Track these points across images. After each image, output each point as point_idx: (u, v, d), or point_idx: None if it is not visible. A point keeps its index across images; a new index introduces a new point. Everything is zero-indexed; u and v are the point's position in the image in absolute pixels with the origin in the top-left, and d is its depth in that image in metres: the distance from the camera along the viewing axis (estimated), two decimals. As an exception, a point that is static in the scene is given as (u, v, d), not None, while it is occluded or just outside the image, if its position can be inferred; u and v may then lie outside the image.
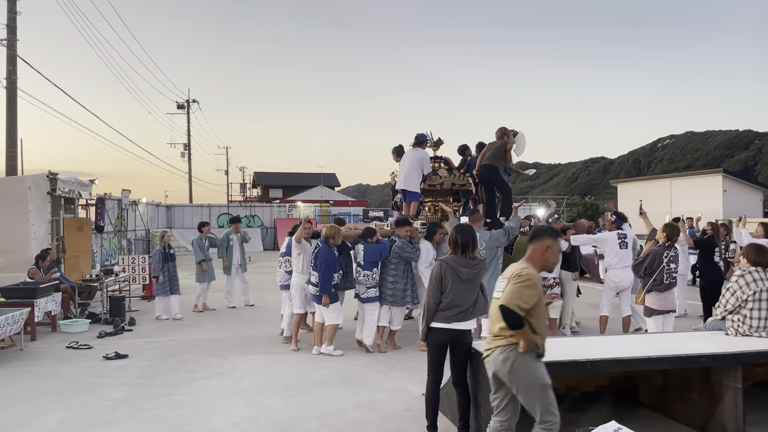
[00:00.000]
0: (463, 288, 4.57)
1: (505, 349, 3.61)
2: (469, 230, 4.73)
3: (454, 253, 4.66)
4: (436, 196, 9.31)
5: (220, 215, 30.48)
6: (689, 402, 4.91)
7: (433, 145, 9.37)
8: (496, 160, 8.72)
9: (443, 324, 4.57)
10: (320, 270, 7.33)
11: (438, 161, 9.33)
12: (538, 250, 3.74)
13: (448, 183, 9.11)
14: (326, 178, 62.83)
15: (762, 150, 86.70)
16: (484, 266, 4.82)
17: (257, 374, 6.67)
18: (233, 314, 10.71)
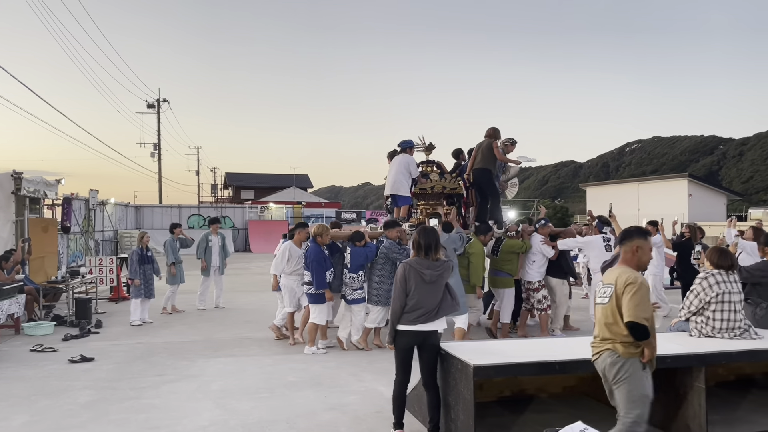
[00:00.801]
0: (428, 290, 4.63)
1: (613, 354, 3.67)
2: (431, 233, 4.83)
3: (417, 255, 4.74)
4: (428, 200, 9.38)
5: (191, 216, 30.13)
6: (654, 402, 4.99)
7: (425, 149, 9.46)
8: (487, 163, 8.85)
9: (409, 326, 4.62)
10: (312, 268, 7.49)
11: (430, 165, 9.42)
12: (629, 251, 3.82)
13: (439, 187, 9.20)
14: (299, 179, 62.58)
15: (726, 155, 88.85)
16: (449, 267, 4.86)
17: (226, 377, 6.60)
18: (203, 316, 10.59)
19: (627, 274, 3.68)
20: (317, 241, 7.59)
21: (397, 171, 8.73)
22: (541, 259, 8.41)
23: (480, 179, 8.98)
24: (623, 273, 3.70)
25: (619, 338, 3.63)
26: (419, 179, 9.07)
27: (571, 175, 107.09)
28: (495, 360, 4.37)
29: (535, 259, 8.40)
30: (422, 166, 9.35)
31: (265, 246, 28.85)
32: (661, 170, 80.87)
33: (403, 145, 8.99)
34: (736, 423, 4.97)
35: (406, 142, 8.99)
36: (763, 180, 74.88)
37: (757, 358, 5.00)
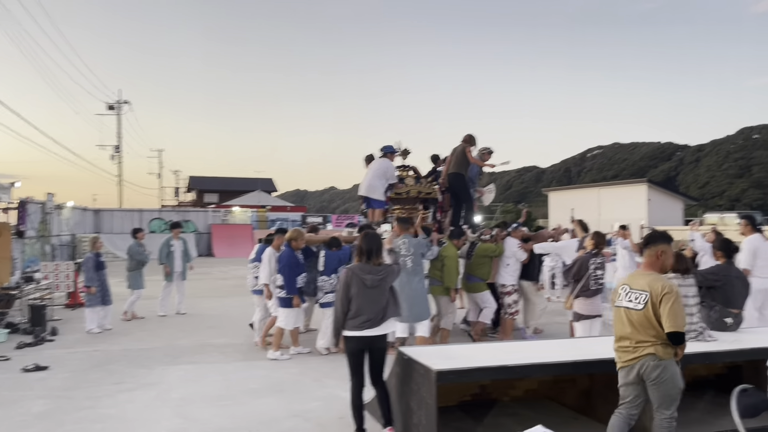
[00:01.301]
0: (370, 294, 4.69)
1: (655, 357, 3.86)
2: (373, 238, 4.89)
3: (359, 260, 4.79)
4: (404, 204, 9.43)
5: (152, 220, 29.55)
6: (613, 404, 5.06)
7: (401, 154, 9.52)
8: (460, 168, 8.98)
9: (355, 332, 4.69)
10: (284, 272, 7.51)
11: (406, 170, 9.49)
12: (653, 255, 3.97)
13: (414, 191, 9.28)
14: (263, 182, 62.05)
15: (683, 161, 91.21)
16: (392, 271, 4.90)
17: (187, 384, 6.48)
18: (163, 323, 10.39)
19: (661, 282, 3.85)
20: (291, 245, 7.62)
21: (374, 175, 8.85)
22: (515, 263, 8.47)
23: (454, 184, 9.10)
24: (656, 280, 3.86)
25: (658, 341, 3.84)
26: (395, 184, 9.15)
27: (534, 180, 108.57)
28: (457, 364, 4.38)
29: (509, 263, 8.45)
30: (399, 170, 9.43)
31: (228, 250, 28.49)
32: (621, 176, 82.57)
33: (385, 150, 9.10)
34: (693, 424, 5.08)
35: (387, 148, 9.11)
36: (718, 186, 77.10)
37: (711, 360, 5.13)
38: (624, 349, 4.01)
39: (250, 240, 30.05)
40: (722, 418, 4.89)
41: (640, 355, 3.91)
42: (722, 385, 5.92)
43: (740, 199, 70.96)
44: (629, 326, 3.93)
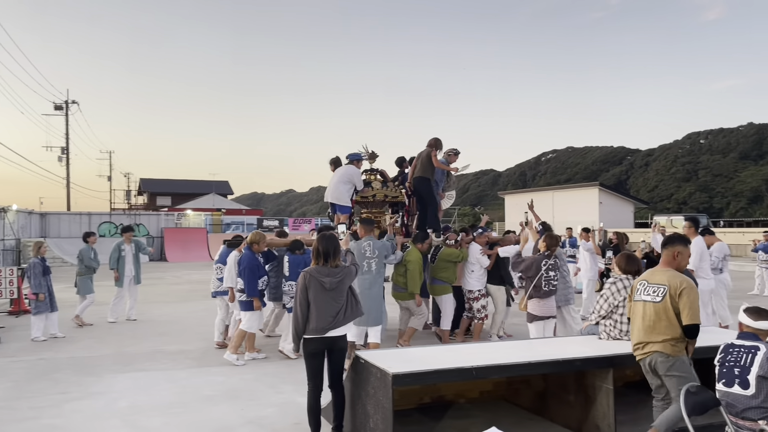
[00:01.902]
0: (329, 297, 4.71)
1: (663, 354, 4.10)
2: (330, 240, 4.87)
3: (317, 263, 4.79)
4: (371, 208, 9.37)
5: (102, 224, 28.80)
6: (566, 404, 5.15)
7: (368, 158, 9.47)
8: (426, 172, 8.99)
9: (315, 334, 4.69)
10: (244, 275, 7.46)
11: (374, 173, 9.44)
12: (670, 254, 4.25)
13: (380, 195, 9.22)
14: (218, 185, 61.23)
15: (633, 165, 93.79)
16: (350, 273, 4.90)
17: (136, 393, 6.29)
18: (113, 329, 10.08)
19: (679, 278, 4.10)
20: (253, 248, 7.58)
21: (338, 181, 8.82)
22: (480, 268, 8.44)
23: (419, 188, 9.11)
24: (674, 276, 4.11)
25: (668, 337, 4.06)
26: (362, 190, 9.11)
27: (490, 184, 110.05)
28: (414, 367, 4.36)
29: (474, 269, 8.41)
30: (366, 174, 9.37)
31: (182, 255, 27.96)
32: (575, 179, 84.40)
33: (351, 157, 9.06)
34: (642, 421, 5.18)
35: (354, 155, 9.08)
36: (667, 189, 79.56)
37: (660, 358, 5.23)
38: (636, 345, 4.27)
39: (205, 244, 29.61)
40: (671, 416, 4.99)
41: (649, 352, 4.15)
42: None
43: (687, 202, 73.39)
44: (644, 319, 4.17)
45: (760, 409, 3.43)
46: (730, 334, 5.23)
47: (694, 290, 4.03)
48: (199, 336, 9.25)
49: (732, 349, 3.64)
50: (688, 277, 4.15)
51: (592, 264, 10.99)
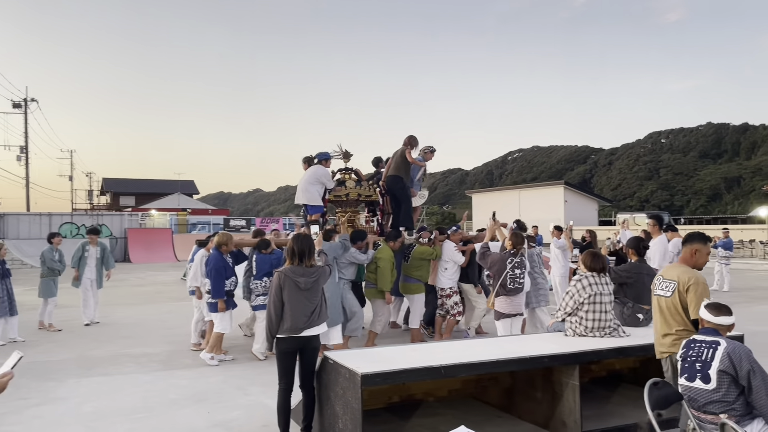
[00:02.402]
0: (303, 296, 4.72)
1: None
2: (305, 240, 4.90)
3: (291, 262, 4.81)
4: (345, 207, 9.32)
5: (63, 224, 28.12)
6: (533, 400, 5.20)
7: (343, 157, 9.41)
8: (399, 170, 8.98)
9: (289, 333, 4.70)
10: (211, 276, 7.42)
11: (348, 172, 9.38)
12: (688, 252, 4.34)
13: (354, 194, 9.17)
14: (184, 185, 60.36)
15: (597, 164, 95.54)
16: (324, 273, 4.93)
17: (100, 397, 6.15)
18: (75, 333, 9.84)
19: (689, 273, 4.20)
20: (221, 249, 7.54)
21: (307, 181, 8.79)
22: (453, 266, 8.41)
23: (392, 186, 9.12)
24: (685, 272, 4.22)
25: (683, 330, 4.14)
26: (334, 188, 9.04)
27: (458, 182, 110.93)
28: (382, 367, 4.35)
29: (447, 267, 8.39)
30: (340, 173, 9.32)
31: (146, 256, 27.49)
32: (540, 178, 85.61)
33: (320, 156, 9.00)
34: (608, 417, 5.27)
35: (323, 154, 9.01)
36: (629, 187, 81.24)
37: (625, 354, 5.33)
38: (657, 341, 4.40)
39: (170, 245, 29.16)
40: (636, 410, 5.10)
41: (667, 351, 4.26)
42: (636, 378, 6.20)
43: (649, 200, 75.10)
44: (660, 313, 4.30)
45: (721, 402, 3.50)
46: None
47: (701, 285, 4.13)
48: (165, 338, 9.09)
49: (694, 345, 3.71)
50: (698, 273, 4.26)
51: (564, 261, 11.12)
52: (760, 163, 71.84)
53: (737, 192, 70.47)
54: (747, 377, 3.44)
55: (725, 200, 70.46)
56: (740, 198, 67.75)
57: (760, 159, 73.09)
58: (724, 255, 16.03)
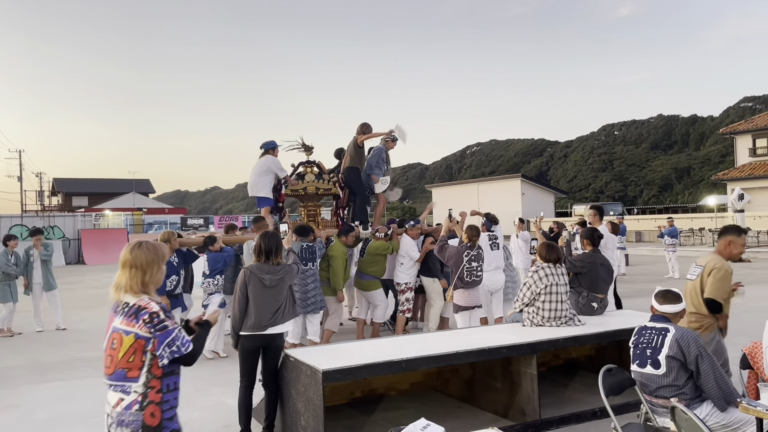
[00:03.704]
0: (268, 294, 4.72)
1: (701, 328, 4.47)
2: (273, 237, 4.90)
3: (258, 260, 4.81)
4: (306, 201, 9.08)
5: (12, 227, 27.20)
6: (493, 390, 5.29)
7: (305, 150, 9.17)
8: (353, 161, 8.74)
9: (252, 331, 4.69)
10: None
11: (310, 165, 9.13)
12: (723, 243, 4.65)
13: (312, 188, 8.93)
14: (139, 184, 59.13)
15: (553, 157, 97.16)
16: (290, 271, 4.93)
17: (54, 403, 5.99)
18: (27, 338, 9.54)
19: (715, 261, 4.52)
20: None
21: (256, 173, 8.42)
22: (409, 261, 8.21)
23: (348, 179, 8.87)
24: (712, 260, 4.54)
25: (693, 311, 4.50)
26: (290, 181, 8.79)
27: (418, 177, 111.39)
28: (343, 363, 4.36)
29: (403, 261, 8.21)
30: (302, 166, 9.09)
31: (101, 257, 26.83)
32: (498, 171, 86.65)
33: (265, 146, 8.65)
34: (566, 403, 5.40)
35: (268, 144, 8.66)
36: (584, 179, 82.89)
37: (580, 342, 5.46)
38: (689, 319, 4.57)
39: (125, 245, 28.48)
40: (593, 396, 5.23)
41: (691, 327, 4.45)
42: (592, 365, 6.36)
43: (604, 191, 76.77)
44: (687, 296, 4.53)
45: (672, 387, 3.63)
46: (645, 316, 5.51)
47: (722, 271, 4.43)
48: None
49: (645, 331, 3.82)
50: (726, 263, 4.53)
51: (527, 253, 11.27)
52: (708, 154, 74.18)
53: (687, 182, 72.65)
54: (695, 362, 3.57)
55: (676, 190, 72.54)
56: (690, 188, 69.87)
57: (709, 149, 75.47)
58: (670, 243, 16.58)
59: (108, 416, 2.74)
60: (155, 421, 2.69)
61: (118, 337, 2.71)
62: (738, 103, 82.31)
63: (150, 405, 2.68)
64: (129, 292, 2.79)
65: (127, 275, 2.83)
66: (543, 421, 4.88)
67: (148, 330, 2.68)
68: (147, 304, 2.74)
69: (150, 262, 2.86)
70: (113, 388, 2.72)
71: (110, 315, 2.83)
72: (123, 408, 2.69)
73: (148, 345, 2.68)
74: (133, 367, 2.68)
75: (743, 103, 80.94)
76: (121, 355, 2.68)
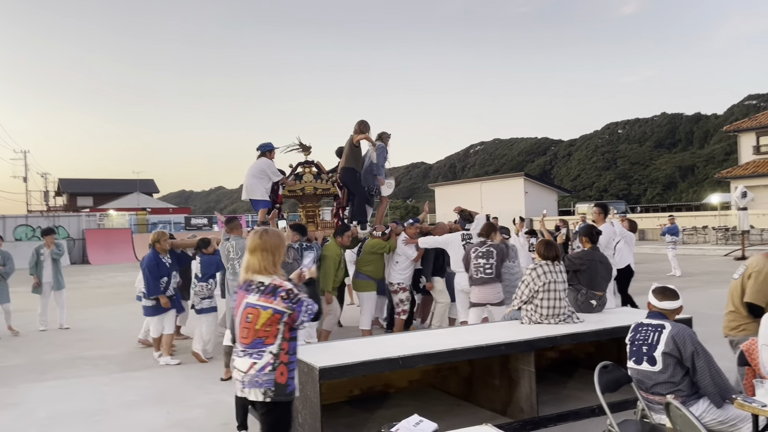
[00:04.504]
0: None
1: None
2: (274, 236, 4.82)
3: None
4: (305, 202, 9.01)
5: (17, 227, 27.34)
6: (491, 388, 5.29)
7: (303, 150, 9.09)
8: (349, 161, 8.60)
9: None
10: (144, 275, 7.28)
11: (308, 165, 9.05)
12: None
13: (310, 188, 8.85)
14: (143, 184, 59.25)
15: (556, 155, 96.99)
16: (291, 269, 4.90)
17: (55, 402, 6.02)
18: (29, 337, 9.58)
19: (758, 262, 4.45)
20: (155, 248, 7.34)
21: (250, 175, 8.34)
22: (405, 260, 7.93)
23: (345, 179, 8.77)
24: (759, 260, 4.48)
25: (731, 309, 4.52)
26: (288, 182, 8.73)
27: (421, 176, 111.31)
28: (341, 360, 4.37)
29: (398, 260, 7.95)
30: (300, 167, 9.02)
31: (105, 257, 26.95)
32: (502, 170, 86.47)
33: (262, 148, 8.51)
34: (564, 401, 5.40)
35: (265, 146, 8.52)
36: (588, 178, 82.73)
37: (579, 340, 5.45)
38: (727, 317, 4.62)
39: (130, 245, 28.62)
40: (591, 394, 5.20)
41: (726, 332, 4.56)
42: (591, 362, 6.35)
43: (608, 189, 76.60)
44: (729, 294, 4.55)
45: (668, 384, 3.62)
46: (642, 313, 5.51)
47: (763, 274, 4.37)
48: (123, 340, 8.94)
49: (641, 328, 3.82)
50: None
51: (528, 252, 11.25)
52: (712, 152, 73.93)
53: (691, 180, 72.44)
54: (691, 359, 3.57)
55: (680, 188, 72.33)
56: (694, 186, 69.63)
57: (713, 147, 75.20)
58: (670, 240, 16.56)
59: (238, 382, 3.26)
60: (284, 379, 3.18)
61: (254, 312, 3.18)
62: (742, 101, 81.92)
63: (280, 365, 3.17)
64: (262, 273, 3.22)
65: (258, 258, 3.24)
66: (541, 419, 4.88)
67: (285, 305, 3.15)
68: (281, 284, 3.19)
69: (278, 246, 3.30)
70: (245, 355, 3.20)
71: (240, 293, 3.27)
72: (256, 371, 3.17)
73: (284, 317, 3.16)
74: (269, 335, 3.16)
75: (747, 101, 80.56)
76: (259, 326, 3.16)
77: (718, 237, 26.93)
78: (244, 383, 3.22)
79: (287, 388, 3.20)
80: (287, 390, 3.21)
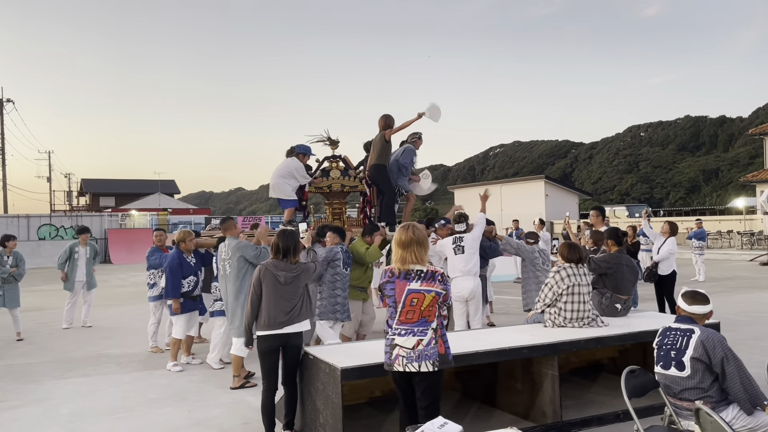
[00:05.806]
0: (284, 291, 4.69)
1: None
2: (291, 236, 4.86)
3: (275, 257, 4.79)
4: (332, 199, 8.79)
5: (41, 226, 27.74)
6: (514, 391, 5.23)
7: (329, 144, 8.86)
8: (380, 158, 8.36)
9: (270, 330, 4.66)
10: (165, 274, 7.23)
11: (336, 160, 8.78)
12: None
13: (337, 185, 8.58)
14: (164, 185, 59.83)
15: (577, 158, 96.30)
16: (307, 269, 4.87)
17: (79, 399, 6.08)
18: (54, 335, 9.71)
19: None
20: (180, 247, 7.31)
21: (278, 174, 8.22)
22: (438, 261, 7.59)
23: (374, 176, 8.49)
24: None
25: None
26: (314, 180, 8.52)
27: (440, 179, 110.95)
28: (362, 361, 4.35)
29: (431, 261, 7.30)
30: (327, 161, 8.78)
31: (127, 256, 27.24)
32: (522, 172, 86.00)
33: (299, 149, 8.32)
34: (588, 406, 5.33)
35: (300, 147, 8.34)
36: (609, 180, 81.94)
37: (603, 344, 5.38)
38: None
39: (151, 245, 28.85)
40: (616, 399, 5.15)
41: None
42: (615, 367, 6.26)
43: (629, 193, 75.80)
44: None
45: (696, 389, 3.55)
46: (670, 318, 5.42)
47: None
48: (145, 339, 8.97)
49: (669, 333, 3.75)
50: None
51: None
52: (737, 155, 72.84)
53: (715, 184, 71.41)
54: (720, 364, 3.49)
55: (704, 192, 71.35)
56: (718, 190, 68.64)
57: (738, 151, 74.10)
58: (697, 245, 16.27)
59: (403, 358, 3.70)
60: (443, 349, 3.75)
61: (418, 296, 3.70)
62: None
63: (440, 339, 3.73)
64: (418, 263, 3.77)
65: (411, 249, 3.79)
66: (564, 423, 4.81)
67: (442, 287, 3.74)
68: (435, 270, 3.80)
69: (425, 238, 3.90)
70: (410, 334, 3.70)
71: (399, 283, 3.74)
72: (424, 345, 3.69)
73: (440, 297, 3.74)
74: (431, 314, 3.72)
75: (774, 103, 79.20)
76: (423, 307, 3.70)
77: (743, 241, 26.49)
78: (410, 359, 3.68)
79: (448, 357, 3.76)
80: (449, 357, 3.77)
